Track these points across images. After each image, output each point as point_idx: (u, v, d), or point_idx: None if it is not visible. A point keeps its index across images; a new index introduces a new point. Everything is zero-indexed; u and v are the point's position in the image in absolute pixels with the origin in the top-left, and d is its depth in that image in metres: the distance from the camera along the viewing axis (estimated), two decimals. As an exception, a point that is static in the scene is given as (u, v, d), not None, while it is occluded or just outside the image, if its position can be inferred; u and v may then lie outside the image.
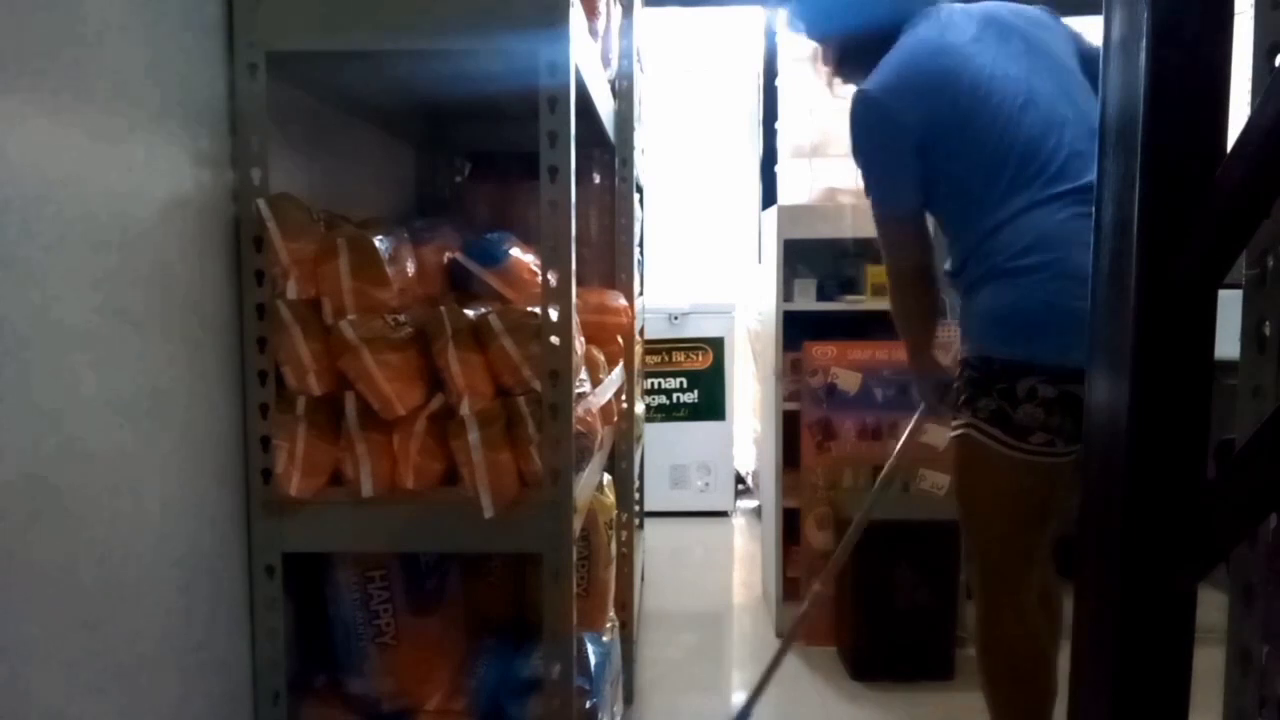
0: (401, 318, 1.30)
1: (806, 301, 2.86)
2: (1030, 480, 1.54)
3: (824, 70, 1.82)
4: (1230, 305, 0.83)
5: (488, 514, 1.26)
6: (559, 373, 1.27)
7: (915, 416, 2.00)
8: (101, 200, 0.98)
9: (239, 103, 1.26)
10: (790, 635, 2.15)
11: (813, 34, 1.79)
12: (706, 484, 4.22)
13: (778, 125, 3.21)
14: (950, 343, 2.62)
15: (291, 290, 1.28)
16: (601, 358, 1.75)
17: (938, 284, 1.74)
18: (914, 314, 1.77)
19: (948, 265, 1.72)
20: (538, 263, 1.33)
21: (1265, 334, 0.83)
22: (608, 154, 2.21)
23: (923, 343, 1.80)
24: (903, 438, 2.06)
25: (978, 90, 1.55)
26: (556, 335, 1.27)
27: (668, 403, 4.22)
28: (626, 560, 2.27)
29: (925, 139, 1.57)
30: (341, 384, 1.29)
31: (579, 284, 1.39)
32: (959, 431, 1.60)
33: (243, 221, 1.27)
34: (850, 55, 1.74)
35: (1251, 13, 0.83)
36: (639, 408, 2.64)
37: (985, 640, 1.65)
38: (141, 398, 1.05)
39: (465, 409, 1.26)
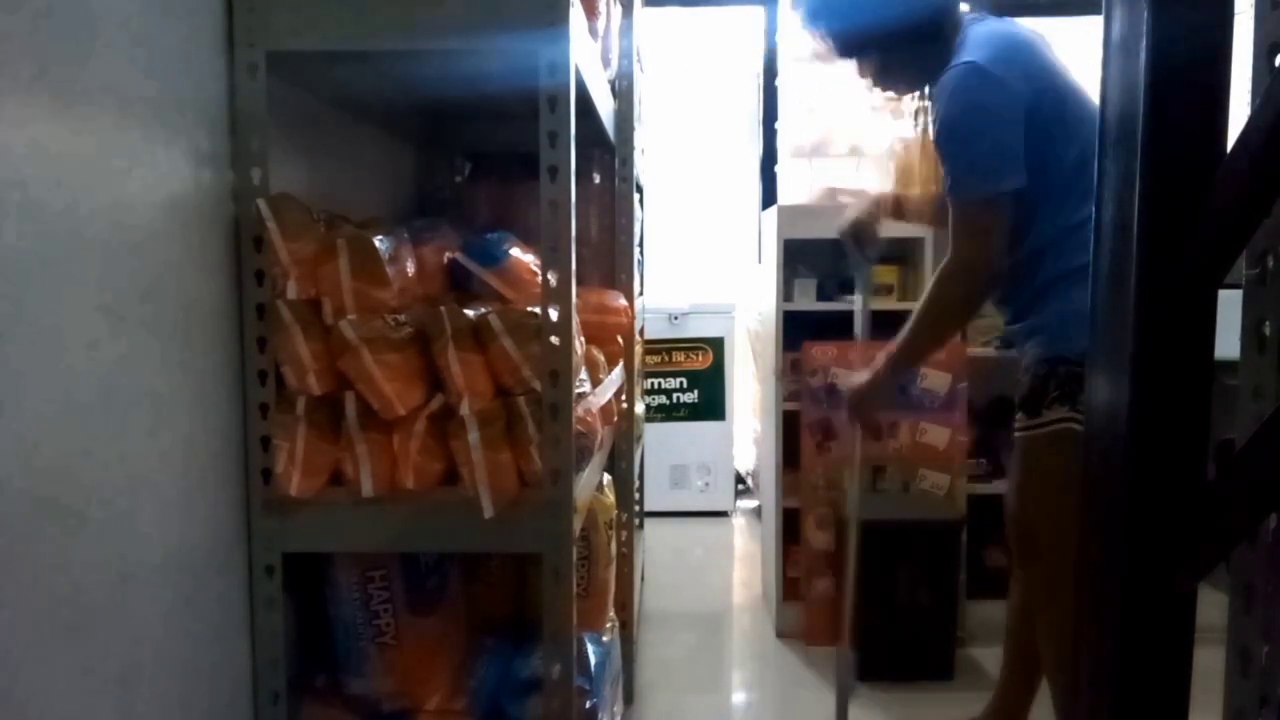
0: (401, 318, 1.30)
1: (806, 301, 2.86)
2: None
3: (865, 80, 1.75)
4: (1230, 305, 0.83)
5: (488, 514, 1.26)
6: (559, 373, 1.27)
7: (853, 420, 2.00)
8: (101, 200, 0.98)
9: (239, 103, 1.26)
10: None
11: (848, 48, 1.72)
12: (706, 484, 4.22)
13: (778, 125, 3.21)
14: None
15: (291, 290, 1.28)
16: (601, 358, 1.75)
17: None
18: (956, 324, 1.70)
19: None
20: (538, 263, 1.33)
21: (1265, 334, 0.83)
22: (608, 154, 2.21)
23: (932, 354, 1.75)
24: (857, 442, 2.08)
25: (1064, 81, 1.56)
26: (556, 335, 1.27)
27: (668, 403, 4.22)
28: (626, 560, 2.27)
29: (1029, 115, 1.53)
30: (341, 384, 1.29)
31: (579, 284, 1.39)
32: (1054, 427, 1.58)
33: (243, 221, 1.27)
34: (897, 61, 1.69)
35: (1251, 13, 0.83)
36: (639, 408, 2.64)
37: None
38: (141, 398, 1.05)
39: (465, 409, 1.26)
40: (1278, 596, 0.81)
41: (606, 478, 1.84)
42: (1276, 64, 0.82)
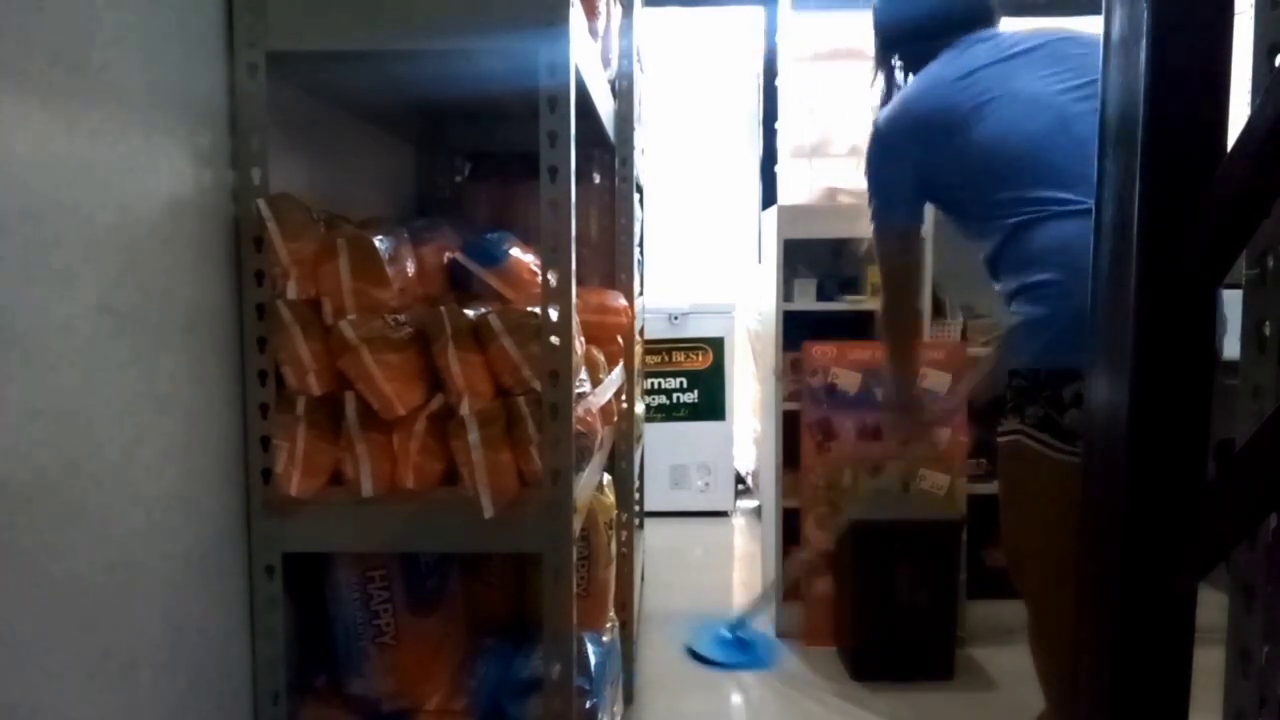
0: (401, 318, 1.30)
1: (806, 301, 2.86)
2: (1075, 485, 1.59)
3: (873, 70, 1.93)
4: (1230, 305, 0.83)
5: (488, 514, 1.26)
6: (559, 373, 1.27)
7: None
8: (101, 200, 0.98)
9: (239, 103, 1.26)
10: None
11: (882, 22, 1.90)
12: (706, 484, 4.22)
13: (778, 125, 3.21)
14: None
15: (291, 290, 1.28)
16: (601, 358, 1.74)
17: (919, 300, 1.91)
18: (894, 325, 1.91)
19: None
20: (538, 263, 1.33)
21: (1265, 334, 0.83)
22: (608, 154, 2.21)
23: (899, 356, 1.94)
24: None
25: (971, 115, 1.63)
26: (556, 335, 1.27)
27: (668, 403, 4.21)
28: (626, 560, 2.27)
29: (925, 166, 1.70)
30: (341, 384, 1.29)
31: (579, 284, 1.39)
32: (1008, 438, 1.63)
33: (243, 221, 1.27)
34: (896, 55, 1.88)
35: (1251, 13, 0.83)
36: (639, 408, 2.64)
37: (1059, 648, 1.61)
38: (141, 398, 1.05)
39: (465, 409, 1.26)
40: (1278, 596, 0.81)
41: (606, 478, 1.84)
42: (1276, 64, 0.82)
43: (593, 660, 1.50)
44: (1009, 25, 1.92)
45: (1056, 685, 1.67)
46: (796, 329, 2.81)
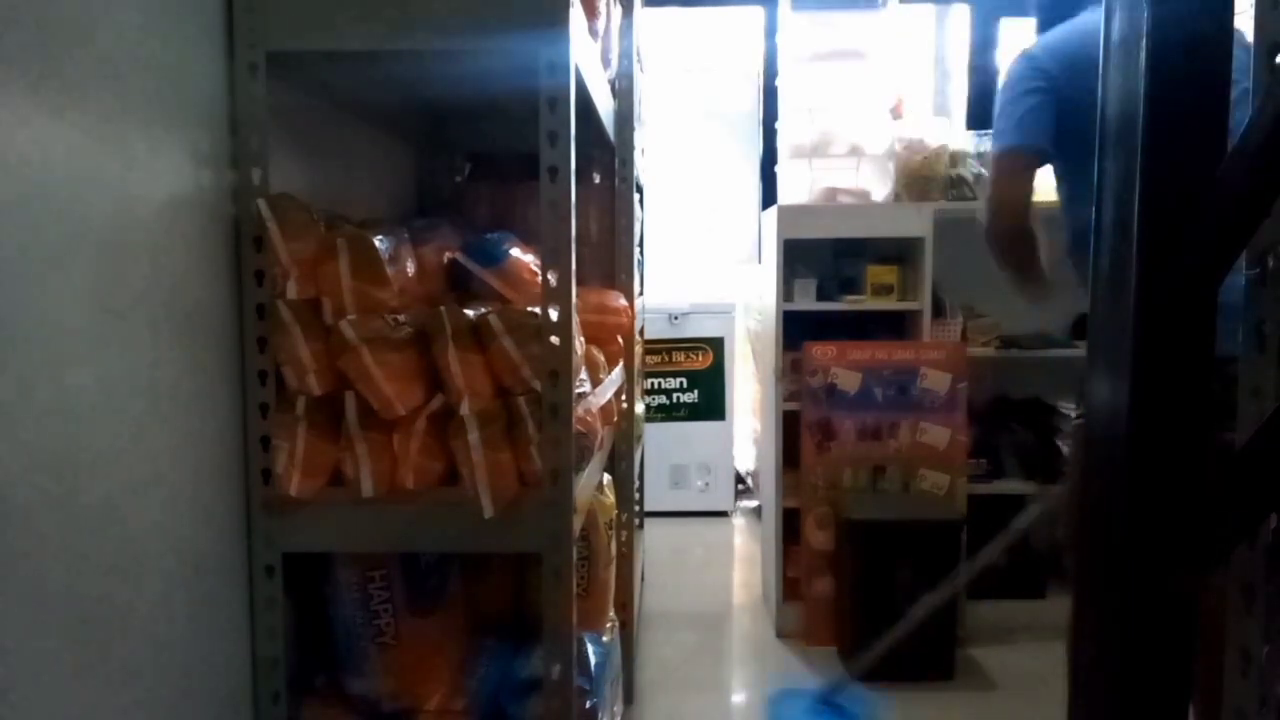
0: (401, 318, 1.30)
1: (806, 301, 2.86)
2: None
3: None
4: (1230, 305, 0.82)
5: (488, 514, 1.26)
6: (559, 373, 1.27)
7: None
8: (101, 200, 0.98)
9: (239, 103, 1.26)
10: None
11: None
12: (706, 484, 4.22)
13: (778, 125, 3.21)
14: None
15: (291, 290, 1.28)
16: (601, 358, 1.74)
17: (1032, 232, 1.78)
18: (1001, 252, 1.82)
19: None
20: (538, 263, 1.33)
21: (1265, 334, 0.83)
22: (608, 154, 2.21)
23: (1025, 268, 1.81)
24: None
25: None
26: (556, 335, 1.27)
27: (668, 403, 4.21)
28: (626, 560, 2.27)
29: (1065, 101, 1.68)
30: (341, 384, 1.29)
31: (579, 284, 1.39)
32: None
33: (243, 221, 1.27)
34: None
35: (1251, 13, 0.83)
36: (639, 408, 2.64)
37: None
38: (141, 398, 1.05)
39: (465, 409, 1.26)
40: (1278, 597, 0.81)
41: (606, 478, 1.84)
42: (1276, 64, 0.82)
43: (593, 660, 1.50)
44: (1008, 24, 1.91)
45: None
46: (796, 329, 2.81)
